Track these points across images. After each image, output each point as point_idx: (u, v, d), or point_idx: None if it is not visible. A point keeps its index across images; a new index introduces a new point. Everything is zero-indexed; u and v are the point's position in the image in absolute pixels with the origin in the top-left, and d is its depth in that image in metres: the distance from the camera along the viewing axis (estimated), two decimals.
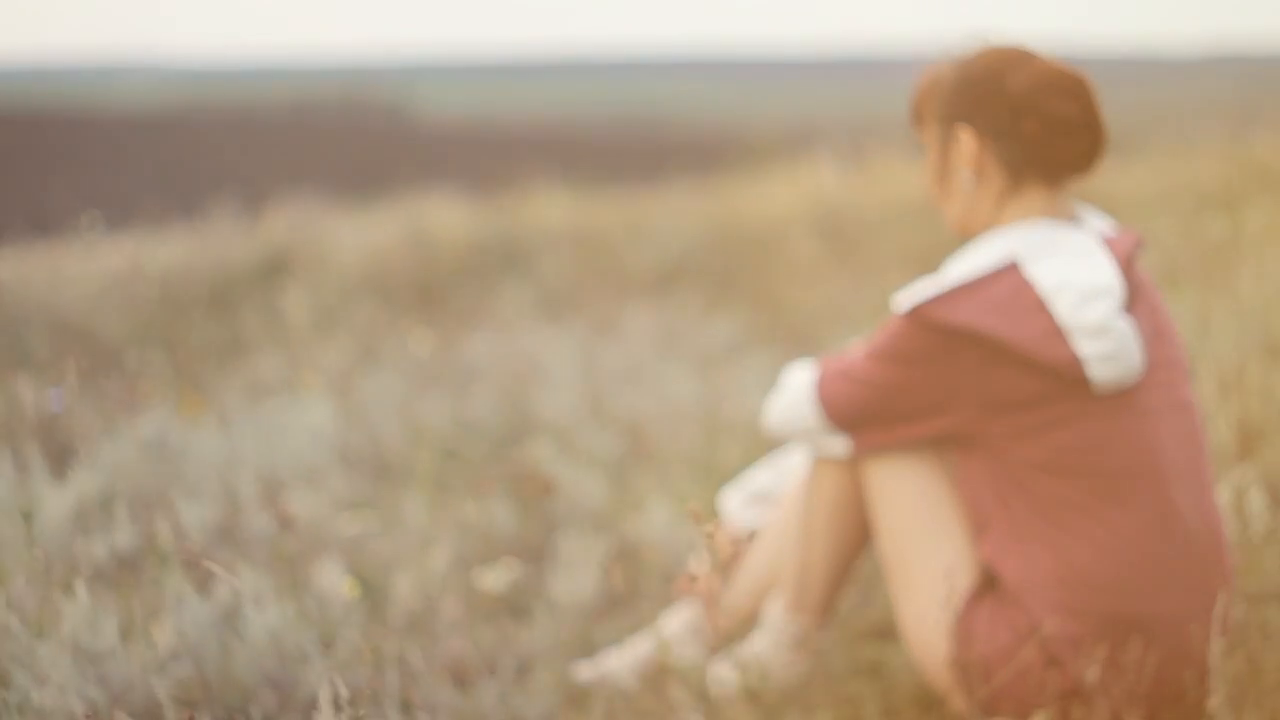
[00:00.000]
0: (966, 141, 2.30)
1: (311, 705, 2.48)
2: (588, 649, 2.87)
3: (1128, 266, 2.23)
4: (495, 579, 3.04)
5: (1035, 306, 2.17)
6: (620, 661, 2.70)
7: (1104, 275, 2.19)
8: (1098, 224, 2.33)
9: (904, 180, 8.06)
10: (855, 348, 2.39)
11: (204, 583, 2.95)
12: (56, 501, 3.28)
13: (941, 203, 2.38)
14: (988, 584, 2.30)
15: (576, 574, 3.03)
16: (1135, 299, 2.22)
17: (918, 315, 2.21)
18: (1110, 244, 2.24)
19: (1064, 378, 2.17)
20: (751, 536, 2.69)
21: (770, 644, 2.53)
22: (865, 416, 2.32)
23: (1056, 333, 2.15)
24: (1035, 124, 2.25)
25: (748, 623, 2.64)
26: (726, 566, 2.69)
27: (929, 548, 2.32)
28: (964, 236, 2.39)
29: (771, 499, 2.73)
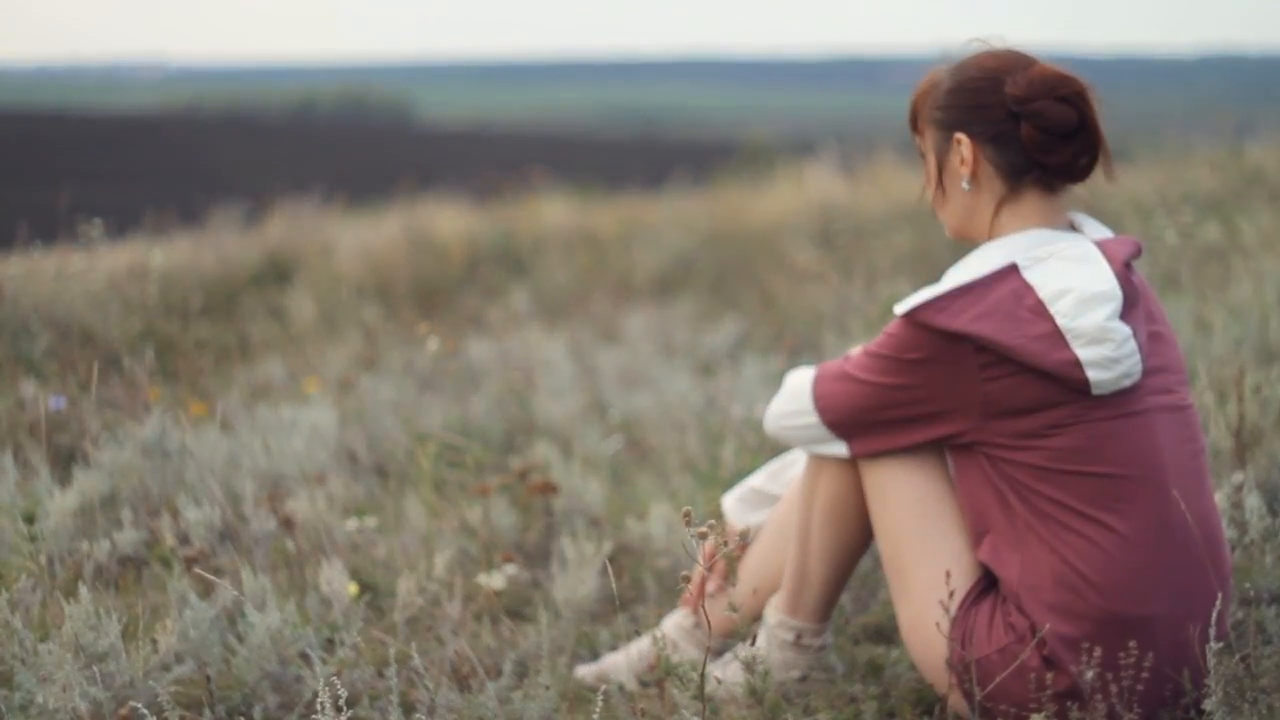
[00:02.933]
0: (963, 148, 2.30)
1: (313, 706, 2.49)
2: (588, 650, 2.88)
3: (1125, 272, 2.24)
4: (495, 580, 3.05)
5: (1035, 311, 2.17)
6: (620, 662, 2.71)
7: (1102, 281, 2.19)
8: (1095, 230, 2.34)
9: (903, 185, 8.08)
10: (855, 352, 2.40)
11: (206, 584, 2.96)
12: (60, 503, 3.28)
13: (939, 209, 2.39)
14: (987, 585, 2.31)
15: (577, 575, 3.04)
16: (1133, 304, 2.23)
17: (917, 319, 2.22)
18: (1108, 250, 2.25)
19: (1063, 382, 2.17)
20: (751, 536, 2.70)
21: (768, 645, 2.54)
22: (861, 419, 2.33)
23: (1056, 337, 2.16)
24: (1032, 129, 2.25)
25: (748, 623, 2.65)
26: (726, 567, 2.70)
27: (929, 549, 2.32)
28: (962, 243, 2.40)
29: (771, 499, 2.74)
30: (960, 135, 2.30)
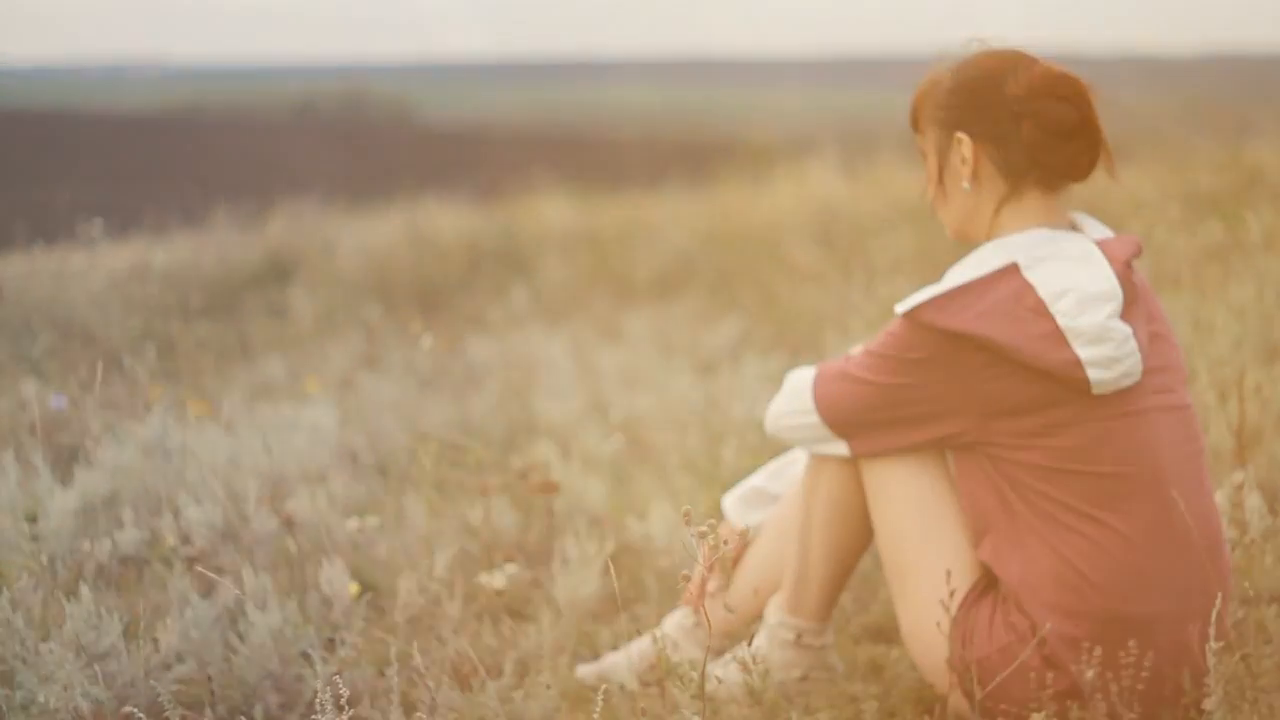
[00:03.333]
0: (964, 147, 2.31)
1: (314, 705, 2.49)
2: (589, 650, 2.88)
3: (1125, 271, 2.24)
4: (496, 580, 3.05)
5: (1035, 311, 2.18)
6: (621, 662, 2.71)
7: (1103, 281, 2.20)
8: (1096, 230, 2.34)
9: (904, 185, 8.07)
10: (856, 351, 2.40)
11: (207, 583, 2.96)
12: (61, 502, 3.28)
13: (940, 209, 2.39)
14: (988, 585, 2.31)
15: (577, 575, 3.04)
16: (1133, 303, 2.23)
17: (918, 318, 2.22)
18: (1108, 249, 2.25)
19: (1064, 382, 2.18)
20: (752, 536, 2.70)
21: (769, 644, 2.54)
22: (862, 419, 2.33)
23: (1056, 337, 2.16)
24: (1033, 129, 2.25)
25: (749, 622, 2.65)
26: (728, 567, 2.71)
27: (929, 548, 2.33)
28: (963, 243, 2.40)
29: (771, 498, 2.74)
30: (961, 134, 2.30)
